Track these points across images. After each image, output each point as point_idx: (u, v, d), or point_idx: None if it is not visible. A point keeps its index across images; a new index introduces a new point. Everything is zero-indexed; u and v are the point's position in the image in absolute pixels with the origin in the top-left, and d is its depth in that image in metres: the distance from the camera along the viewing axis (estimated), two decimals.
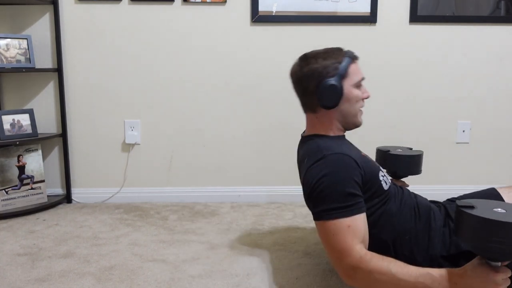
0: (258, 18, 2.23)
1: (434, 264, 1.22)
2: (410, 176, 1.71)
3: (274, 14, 2.23)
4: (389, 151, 1.68)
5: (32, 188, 2.19)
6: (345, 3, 2.22)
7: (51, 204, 2.23)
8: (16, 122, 2.14)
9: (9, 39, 2.12)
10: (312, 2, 2.22)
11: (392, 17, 2.25)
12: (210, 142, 2.34)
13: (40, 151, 2.22)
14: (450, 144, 2.37)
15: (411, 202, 1.33)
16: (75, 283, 1.41)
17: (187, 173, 2.36)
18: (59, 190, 2.37)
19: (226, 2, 2.22)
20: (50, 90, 2.29)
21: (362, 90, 1.34)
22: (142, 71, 2.28)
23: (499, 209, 1.02)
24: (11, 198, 2.13)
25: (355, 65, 1.32)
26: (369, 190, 1.24)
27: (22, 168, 2.17)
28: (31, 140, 2.15)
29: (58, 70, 2.22)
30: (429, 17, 2.25)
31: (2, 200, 2.10)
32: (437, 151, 2.36)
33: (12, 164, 2.14)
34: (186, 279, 1.44)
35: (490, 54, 2.30)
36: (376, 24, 2.26)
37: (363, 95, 1.34)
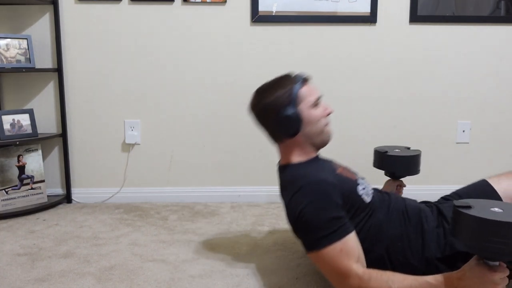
0: (258, 18, 2.23)
1: (431, 266, 1.22)
2: (409, 176, 1.71)
3: (274, 14, 2.23)
4: (386, 152, 1.68)
5: (32, 188, 2.20)
6: (345, 3, 2.22)
7: (51, 204, 2.23)
8: (16, 122, 2.14)
9: (9, 39, 2.12)
10: (312, 2, 2.22)
11: (392, 17, 2.25)
12: (210, 142, 2.34)
13: (40, 151, 2.22)
14: (450, 144, 2.37)
15: (399, 207, 1.33)
16: (75, 283, 1.41)
17: (187, 173, 2.36)
18: (59, 190, 2.37)
19: (226, 2, 2.22)
20: (50, 90, 2.29)
21: (322, 107, 1.34)
22: (142, 71, 2.28)
23: (496, 208, 1.02)
24: (11, 198, 2.13)
25: (307, 86, 1.33)
26: (352, 208, 1.25)
27: (22, 168, 2.17)
28: (31, 140, 2.16)
29: (58, 70, 2.22)
30: (429, 17, 2.25)
31: (2, 200, 2.10)
32: (437, 151, 2.36)
33: (12, 164, 2.14)
34: (186, 279, 1.44)
35: (490, 54, 2.30)
36: (376, 24, 2.26)
37: (325, 112, 1.34)
